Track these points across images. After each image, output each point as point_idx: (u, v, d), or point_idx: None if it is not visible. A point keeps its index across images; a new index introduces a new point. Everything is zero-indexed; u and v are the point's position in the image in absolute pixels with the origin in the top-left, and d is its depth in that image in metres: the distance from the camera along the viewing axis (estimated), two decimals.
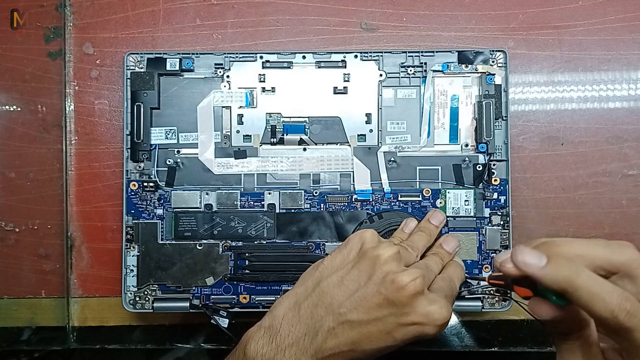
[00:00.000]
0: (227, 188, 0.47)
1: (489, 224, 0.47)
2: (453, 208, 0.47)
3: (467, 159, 0.47)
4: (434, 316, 0.32)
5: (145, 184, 0.47)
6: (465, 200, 0.47)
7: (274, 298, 0.46)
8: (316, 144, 0.47)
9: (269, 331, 0.34)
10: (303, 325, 0.33)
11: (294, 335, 0.33)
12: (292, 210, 0.47)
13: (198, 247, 0.47)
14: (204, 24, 0.49)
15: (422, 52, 0.47)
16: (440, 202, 0.47)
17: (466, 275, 0.44)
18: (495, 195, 0.47)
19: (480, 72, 0.47)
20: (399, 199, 0.47)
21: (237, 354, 0.34)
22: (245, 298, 0.46)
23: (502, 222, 0.47)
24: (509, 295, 0.46)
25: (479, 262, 0.47)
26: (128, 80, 0.47)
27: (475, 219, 0.47)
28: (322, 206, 0.47)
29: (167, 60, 0.47)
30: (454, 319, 0.50)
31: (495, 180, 0.47)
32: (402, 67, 0.47)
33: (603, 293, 0.25)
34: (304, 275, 0.36)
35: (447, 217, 0.47)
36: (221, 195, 0.47)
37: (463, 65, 0.47)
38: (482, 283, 0.45)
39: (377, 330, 0.32)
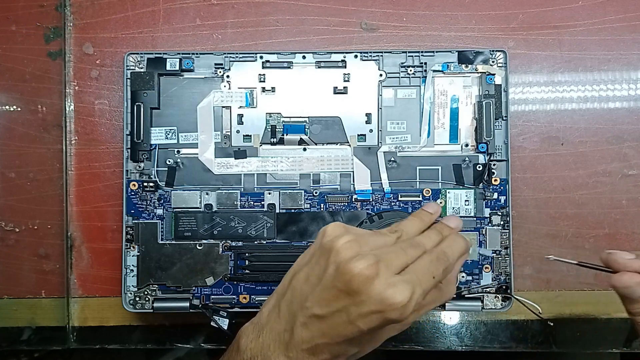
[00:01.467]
0: (227, 188, 0.47)
1: (489, 224, 0.47)
2: (453, 208, 0.47)
3: (467, 159, 0.47)
4: (390, 301, 0.31)
5: (145, 184, 0.47)
6: (466, 200, 0.47)
7: None
8: (316, 144, 0.47)
9: (257, 327, 0.35)
10: (283, 321, 0.34)
11: (276, 331, 0.34)
12: (292, 210, 0.47)
13: (198, 247, 0.47)
14: (204, 24, 0.49)
15: (422, 52, 0.47)
16: (441, 202, 0.47)
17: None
18: (495, 195, 0.47)
19: (480, 72, 0.47)
20: (399, 199, 0.47)
21: (234, 346, 0.36)
22: (245, 298, 0.46)
23: (502, 222, 0.47)
24: (509, 294, 0.46)
25: (479, 262, 0.47)
26: (128, 80, 0.47)
27: (475, 219, 0.47)
28: (322, 206, 0.47)
29: (167, 60, 0.47)
30: (454, 319, 0.50)
31: (496, 180, 0.47)
32: (402, 67, 0.47)
33: None
34: (286, 274, 0.37)
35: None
36: (221, 195, 0.47)
37: (463, 65, 0.47)
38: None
39: (341, 322, 0.32)
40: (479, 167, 0.47)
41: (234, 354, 0.35)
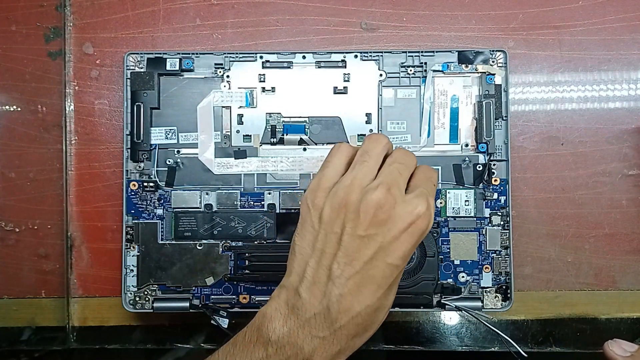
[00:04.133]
0: (227, 188, 0.47)
1: (489, 224, 0.47)
2: (453, 208, 0.47)
3: (467, 159, 0.47)
4: (415, 212, 0.32)
5: (145, 184, 0.47)
6: (466, 201, 0.47)
7: None
8: (316, 144, 0.47)
9: (282, 308, 0.33)
10: (316, 298, 0.32)
11: (309, 309, 0.32)
12: (292, 210, 0.47)
13: (198, 247, 0.47)
14: (204, 24, 0.50)
15: (422, 52, 0.47)
16: (441, 203, 0.47)
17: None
18: (495, 196, 0.47)
19: (480, 72, 0.47)
20: None
21: (252, 335, 0.33)
22: (245, 298, 0.46)
23: (502, 223, 0.47)
24: (509, 295, 0.46)
25: (479, 263, 0.46)
26: (128, 80, 0.47)
27: (475, 219, 0.47)
28: None
29: (167, 60, 0.47)
30: (454, 319, 0.50)
31: (496, 180, 0.47)
32: (402, 67, 0.47)
33: None
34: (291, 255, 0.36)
35: (447, 217, 0.47)
36: (221, 195, 0.47)
37: (463, 65, 0.47)
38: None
39: (379, 262, 0.32)
40: (479, 167, 0.47)
41: (254, 344, 0.33)
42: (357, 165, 0.34)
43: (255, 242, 0.47)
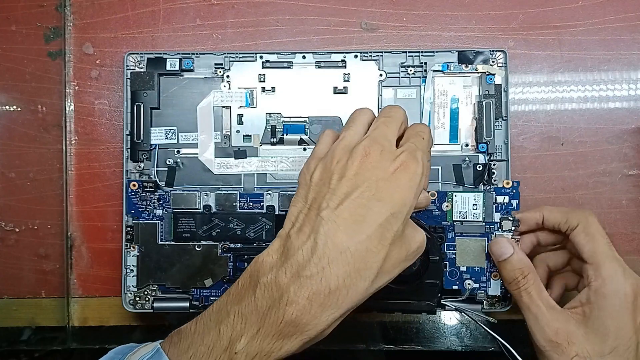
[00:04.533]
0: (227, 188, 0.47)
1: (499, 230, 0.45)
2: (460, 212, 0.46)
3: (467, 159, 0.47)
4: (406, 163, 0.33)
5: (145, 184, 0.47)
6: (474, 204, 0.45)
7: None
8: None
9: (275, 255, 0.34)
10: (302, 237, 0.33)
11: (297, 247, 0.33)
12: None
13: (197, 249, 0.47)
14: (204, 24, 0.49)
15: (422, 52, 0.47)
16: (447, 206, 0.46)
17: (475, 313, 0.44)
18: (507, 199, 0.45)
19: (480, 72, 0.47)
20: None
21: (248, 286, 0.33)
22: None
23: (513, 228, 0.45)
24: (509, 295, 0.46)
25: (487, 270, 0.45)
26: (128, 80, 0.47)
27: (484, 224, 0.45)
28: None
29: (167, 60, 0.47)
30: (454, 319, 0.50)
31: (508, 182, 0.45)
32: (402, 67, 0.47)
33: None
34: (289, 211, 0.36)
35: (454, 221, 0.45)
36: (220, 196, 0.47)
37: (463, 65, 0.47)
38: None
39: (369, 198, 0.32)
40: (479, 167, 0.47)
41: (246, 289, 0.32)
42: (344, 131, 0.36)
43: (254, 244, 0.47)
